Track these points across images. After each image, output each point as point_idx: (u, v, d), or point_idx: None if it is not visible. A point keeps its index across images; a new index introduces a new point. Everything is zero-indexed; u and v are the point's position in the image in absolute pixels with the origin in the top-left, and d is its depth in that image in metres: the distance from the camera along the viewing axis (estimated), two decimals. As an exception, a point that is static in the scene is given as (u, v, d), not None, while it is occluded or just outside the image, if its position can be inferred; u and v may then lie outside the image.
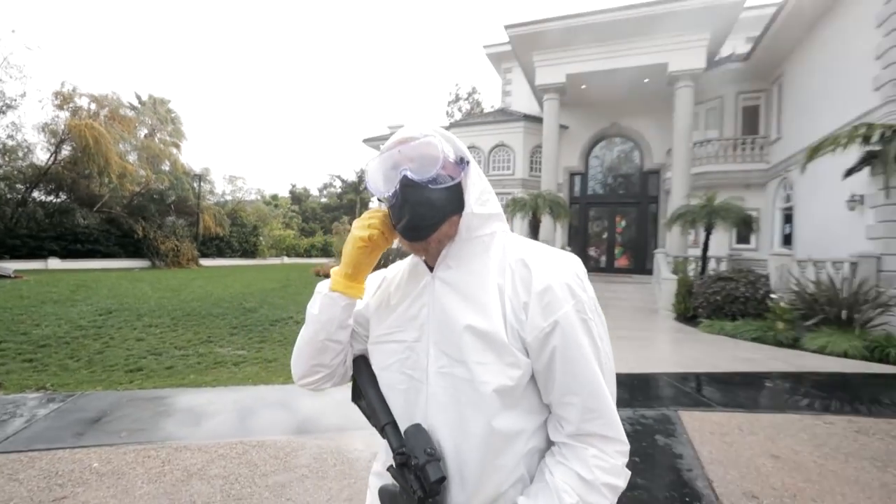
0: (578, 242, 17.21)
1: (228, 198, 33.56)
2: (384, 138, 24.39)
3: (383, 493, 0.78)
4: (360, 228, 0.78)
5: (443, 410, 0.70)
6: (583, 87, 14.42)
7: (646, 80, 13.69)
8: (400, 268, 0.87)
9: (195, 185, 26.30)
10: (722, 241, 12.51)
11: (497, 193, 17.41)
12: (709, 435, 3.41)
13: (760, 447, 3.22)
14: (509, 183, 17.14)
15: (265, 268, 21.77)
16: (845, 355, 5.92)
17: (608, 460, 0.67)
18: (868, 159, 7.17)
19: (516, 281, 0.69)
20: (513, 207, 13.84)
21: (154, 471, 2.70)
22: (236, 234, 31.29)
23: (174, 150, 26.84)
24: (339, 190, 52.31)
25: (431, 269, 0.77)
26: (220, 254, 29.69)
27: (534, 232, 13.94)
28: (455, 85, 60.77)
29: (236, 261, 28.85)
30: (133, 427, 3.32)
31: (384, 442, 0.85)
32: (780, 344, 6.64)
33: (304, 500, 2.43)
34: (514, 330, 0.67)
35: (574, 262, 0.72)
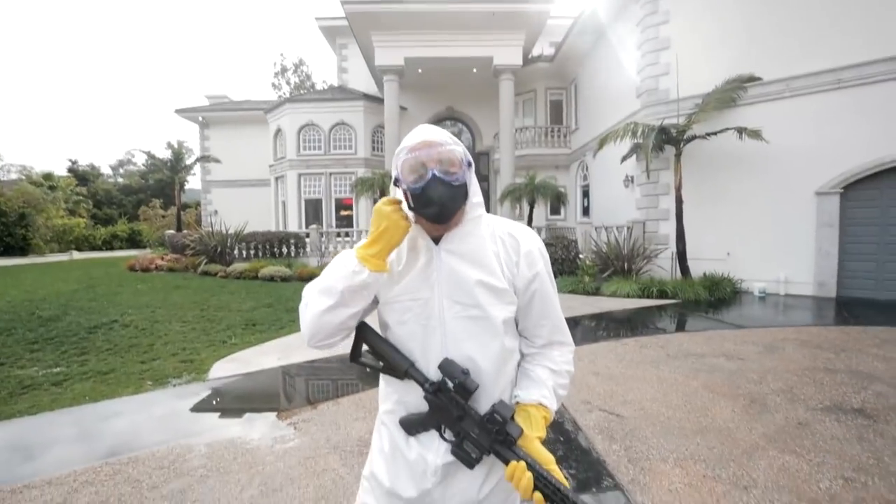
0: (423, 220, 18.18)
1: (-28, 179, 24.86)
2: (201, 109, 21.28)
3: (407, 421, 0.99)
4: (402, 219, 0.94)
5: (460, 342, 0.96)
6: (419, 70, 15.06)
7: (474, 70, 15.06)
8: None
9: None
10: (540, 214, 14.88)
11: (339, 172, 17.26)
12: (552, 367, 4.34)
13: (586, 369, 4.27)
14: (352, 162, 17.01)
15: (48, 266, 17.03)
16: (628, 296, 7.98)
17: (566, 356, 1.07)
18: (635, 149, 9.52)
19: (507, 247, 1.02)
20: (360, 187, 13.85)
21: (-10, 520, 2.21)
22: (-8, 225, 23.62)
23: None
24: (142, 168, 43.55)
25: (434, 242, 1.00)
26: (-34, 254, 22.07)
27: (383, 211, 14.22)
28: (280, 55, 55.94)
29: (-6, 262, 21.82)
30: (-72, 481, 2.57)
31: (386, 388, 1.06)
32: (587, 293, 8.53)
33: (213, 498, 2.34)
34: (508, 280, 0.99)
35: (537, 235, 1.08)
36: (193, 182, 26.76)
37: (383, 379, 1.07)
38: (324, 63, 66.60)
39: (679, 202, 8.78)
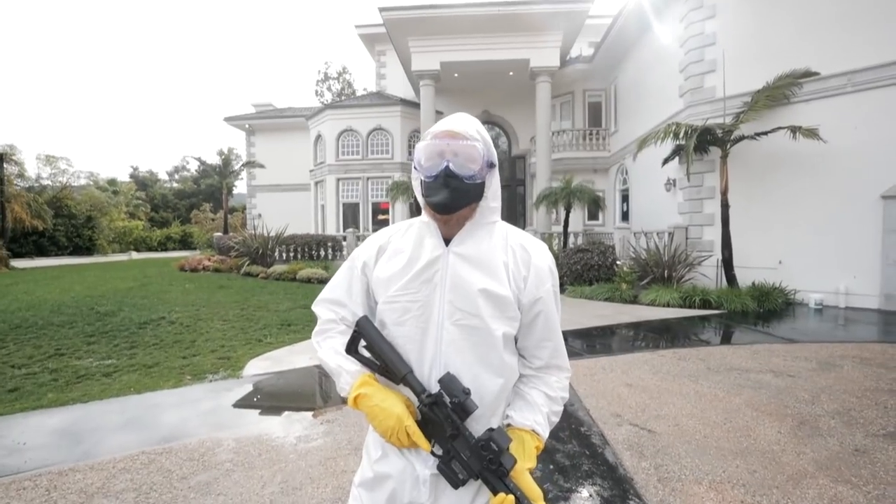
0: (458, 224, 18.12)
1: (47, 183, 27.29)
2: (249, 117, 22.30)
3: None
4: (384, 409, 0.90)
5: (460, 351, 0.92)
6: (455, 75, 15.12)
7: (511, 73, 14.94)
8: (400, 239, 1.02)
9: (-8, 166, 20.86)
10: (577, 219, 14.51)
11: (377, 177, 17.56)
12: (582, 377, 4.19)
13: (618, 380, 4.09)
14: (388, 167, 17.28)
15: (110, 265, 18.41)
16: (668, 305, 7.62)
17: (563, 382, 1.03)
18: (677, 151, 9.10)
19: (518, 259, 0.96)
20: (395, 191, 14.03)
21: (38, 500, 2.37)
22: (63, 227, 25.81)
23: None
24: (195, 173, 46.23)
25: (445, 241, 0.96)
26: (42, 252, 24.24)
27: (417, 213, 14.35)
28: (325, 63, 57.80)
29: (67, 259, 23.79)
30: (-11, 460, 2.79)
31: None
32: (624, 301, 8.21)
33: (236, 493, 2.41)
34: (514, 294, 0.94)
35: (549, 251, 1.03)
36: (241, 186, 28.13)
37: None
38: (364, 70, 68.37)
39: (725, 207, 8.30)
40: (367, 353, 0.99)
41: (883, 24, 7.30)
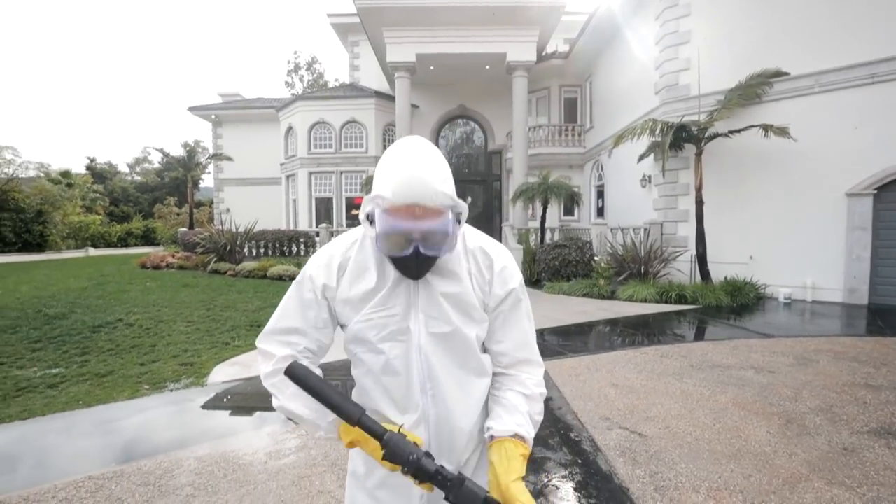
0: (433, 219, 17.86)
1: (-9, 173, 25.35)
2: (214, 107, 21.35)
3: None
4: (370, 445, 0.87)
5: (440, 358, 0.92)
6: (431, 68, 14.82)
7: (487, 67, 14.77)
8: (359, 254, 0.94)
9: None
10: (553, 214, 14.53)
11: (350, 171, 17.11)
12: (567, 377, 4.08)
13: (604, 380, 4.00)
14: (363, 161, 16.87)
15: (64, 263, 17.19)
16: (645, 300, 7.66)
17: (536, 377, 0.98)
18: (652, 147, 9.15)
19: (480, 264, 0.94)
20: (370, 186, 13.67)
21: (-41, 540, 2.05)
22: (10, 222, 24.06)
23: None
24: (158, 166, 44.18)
25: None
26: (-17, 249, 22.50)
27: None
28: (294, 53, 56.06)
29: (14, 256, 22.16)
30: None
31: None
32: (602, 297, 8.21)
33: (197, 522, 2.15)
34: (480, 299, 0.93)
35: (507, 250, 0.99)
36: (208, 180, 26.95)
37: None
38: (336, 61, 66.88)
39: (699, 203, 8.41)
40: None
41: (849, 27, 7.50)
